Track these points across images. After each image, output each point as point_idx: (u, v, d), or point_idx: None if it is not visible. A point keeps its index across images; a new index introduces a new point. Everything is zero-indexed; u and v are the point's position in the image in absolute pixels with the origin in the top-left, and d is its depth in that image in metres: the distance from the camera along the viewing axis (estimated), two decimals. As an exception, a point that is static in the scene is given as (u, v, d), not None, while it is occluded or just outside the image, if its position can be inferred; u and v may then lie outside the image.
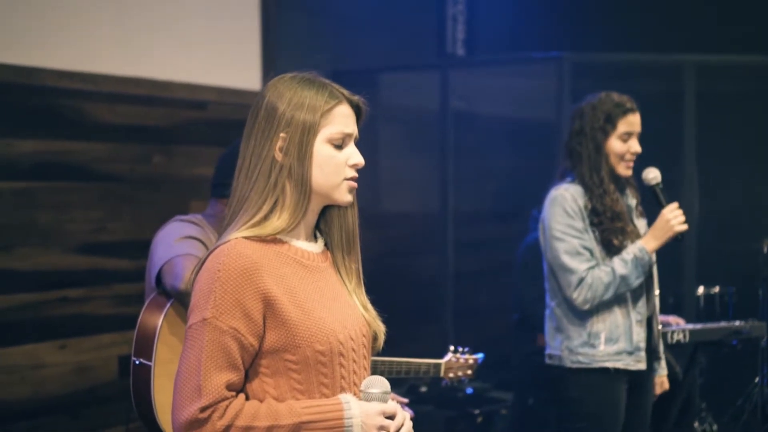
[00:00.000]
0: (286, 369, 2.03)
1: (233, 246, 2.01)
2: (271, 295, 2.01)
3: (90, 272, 4.45)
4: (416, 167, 6.45)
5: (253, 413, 1.98)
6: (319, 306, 2.07)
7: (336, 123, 2.10)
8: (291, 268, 2.07)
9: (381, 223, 6.49)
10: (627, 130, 3.61)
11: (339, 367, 2.08)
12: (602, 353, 3.56)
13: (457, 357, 3.59)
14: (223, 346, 1.97)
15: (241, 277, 1.99)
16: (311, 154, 2.07)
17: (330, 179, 2.09)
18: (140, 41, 4.87)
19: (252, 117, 2.10)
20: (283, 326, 2.01)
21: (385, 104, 6.57)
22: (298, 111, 2.06)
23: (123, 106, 4.71)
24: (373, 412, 2.04)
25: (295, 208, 2.08)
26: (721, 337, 4.47)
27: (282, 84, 2.11)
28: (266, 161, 2.06)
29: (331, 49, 6.22)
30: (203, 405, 1.95)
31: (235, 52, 5.46)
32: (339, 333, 2.07)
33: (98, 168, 4.57)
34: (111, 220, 4.57)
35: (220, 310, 1.97)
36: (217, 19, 5.34)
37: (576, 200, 3.58)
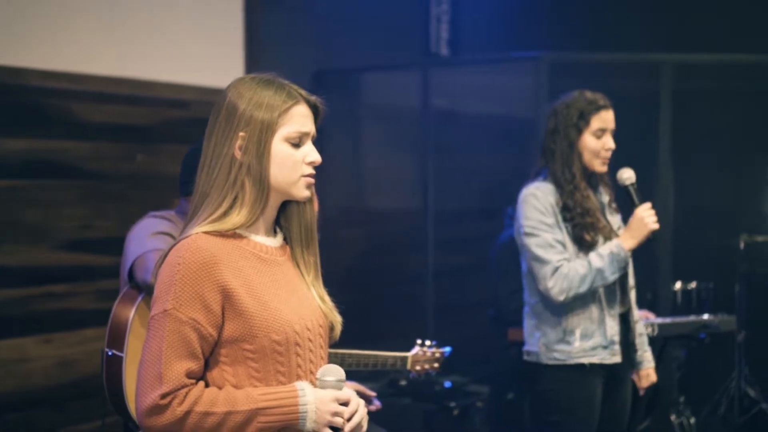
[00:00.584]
0: (244, 358, 2.13)
1: (193, 240, 2.11)
2: (229, 288, 2.10)
3: (75, 268, 4.55)
4: (400, 166, 6.54)
5: (211, 400, 2.07)
6: (275, 298, 2.16)
7: (293, 122, 2.19)
8: (249, 262, 2.17)
9: (365, 221, 6.60)
10: (600, 126, 3.68)
11: (295, 356, 2.17)
12: (577, 349, 3.64)
13: (424, 350, 3.69)
14: (183, 336, 2.07)
15: (200, 270, 2.09)
16: (269, 153, 2.16)
17: (288, 176, 2.18)
18: (125, 41, 4.95)
19: (213, 116, 2.20)
20: (240, 317, 2.11)
21: (368, 103, 6.66)
22: (257, 110, 2.15)
23: (108, 105, 4.80)
24: (328, 398, 2.14)
25: (254, 205, 2.17)
26: (690, 331, 4.57)
27: (242, 84, 2.20)
28: (226, 159, 2.15)
29: (314, 48, 6.30)
30: (164, 392, 2.05)
31: (219, 51, 5.55)
32: (295, 324, 2.17)
33: (84, 166, 4.66)
34: (96, 218, 4.66)
35: (180, 301, 2.07)
36: (200, 18, 5.43)
37: (547, 197, 3.65)
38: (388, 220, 6.66)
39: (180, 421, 2.06)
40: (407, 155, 6.35)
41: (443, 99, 6.61)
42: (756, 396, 6.29)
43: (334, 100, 6.84)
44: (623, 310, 3.76)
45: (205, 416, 2.06)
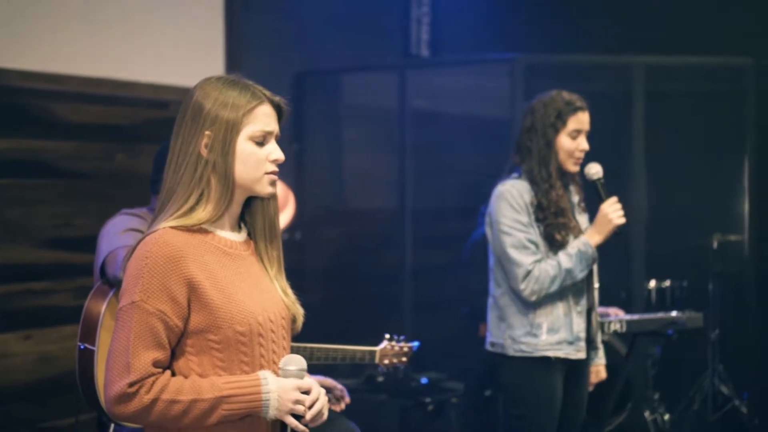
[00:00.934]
0: (209, 348, 2.20)
1: (161, 235, 2.19)
2: (195, 281, 2.18)
3: (55, 266, 4.61)
4: (379, 165, 6.63)
5: (177, 388, 2.15)
6: (239, 290, 2.24)
7: (257, 122, 2.26)
8: (214, 256, 2.24)
9: (345, 220, 6.69)
10: (576, 127, 3.74)
11: (258, 347, 2.25)
12: (544, 342, 3.71)
13: (392, 345, 3.75)
14: (150, 326, 2.14)
15: (167, 263, 2.16)
16: (234, 151, 2.23)
17: (252, 174, 2.25)
18: (105, 42, 5.02)
19: (180, 116, 2.27)
20: (206, 309, 2.19)
21: (349, 104, 6.75)
22: (223, 110, 2.22)
23: (87, 105, 4.87)
24: (289, 387, 2.21)
25: (219, 201, 2.24)
26: (658, 327, 4.62)
27: (208, 85, 2.28)
28: (192, 157, 2.22)
29: (296, 50, 6.37)
30: (131, 380, 2.12)
31: (199, 53, 5.60)
32: (258, 315, 2.24)
33: (63, 165, 4.73)
34: (76, 216, 4.73)
35: (148, 293, 2.15)
36: (181, 20, 5.48)
37: (522, 196, 3.71)
38: (368, 219, 6.75)
39: (147, 409, 2.13)
40: (387, 155, 6.43)
41: (423, 100, 6.70)
42: (729, 393, 6.38)
43: (315, 101, 6.96)
44: (588, 307, 3.84)
45: (172, 404, 2.14)
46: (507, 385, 3.83)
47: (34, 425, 4.54)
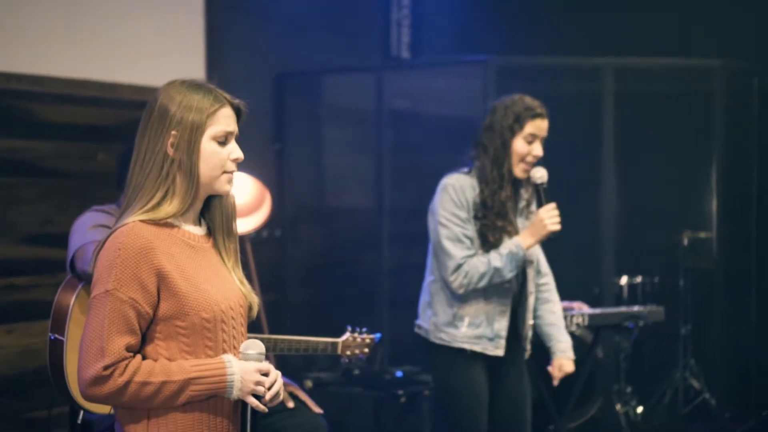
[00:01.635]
0: (177, 334, 2.36)
1: (132, 228, 2.33)
2: (164, 271, 2.33)
3: (37, 262, 4.75)
4: (358, 165, 6.76)
5: (149, 371, 2.30)
6: (203, 280, 2.40)
7: (220, 123, 2.41)
8: (180, 248, 2.40)
9: (326, 219, 6.80)
10: (533, 132, 3.82)
11: (221, 332, 2.41)
12: (462, 335, 3.83)
13: (354, 336, 3.89)
14: (123, 313, 2.29)
15: (138, 255, 2.31)
16: (199, 150, 2.38)
17: (213, 172, 2.41)
18: (88, 45, 5.15)
19: (146, 117, 2.41)
20: (174, 297, 2.34)
21: (328, 105, 6.87)
22: (188, 112, 2.37)
23: (70, 106, 5.00)
24: (251, 369, 2.37)
25: (184, 196, 2.40)
26: (619, 321, 4.78)
27: (172, 88, 2.43)
28: (159, 155, 2.37)
29: (276, 51, 6.48)
30: (106, 364, 2.27)
31: (180, 55, 5.73)
32: (221, 303, 2.41)
33: (46, 165, 4.87)
34: (57, 214, 4.86)
35: (121, 283, 2.29)
36: (162, 23, 5.61)
37: (464, 191, 3.81)
38: (347, 217, 6.85)
39: (120, 391, 2.28)
40: (365, 155, 6.56)
41: (401, 101, 6.83)
42: (700, 386, 6.54)
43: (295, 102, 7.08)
44: (513, 307, 3.92)
45: (144, 385, 2.29)
46: (433, 370, 4.01)
47: (15, 416, 4.67)
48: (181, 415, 2.37)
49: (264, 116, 6.40)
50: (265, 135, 6.42)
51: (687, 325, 6.66)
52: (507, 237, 3.81)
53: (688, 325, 6.65)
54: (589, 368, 4.87)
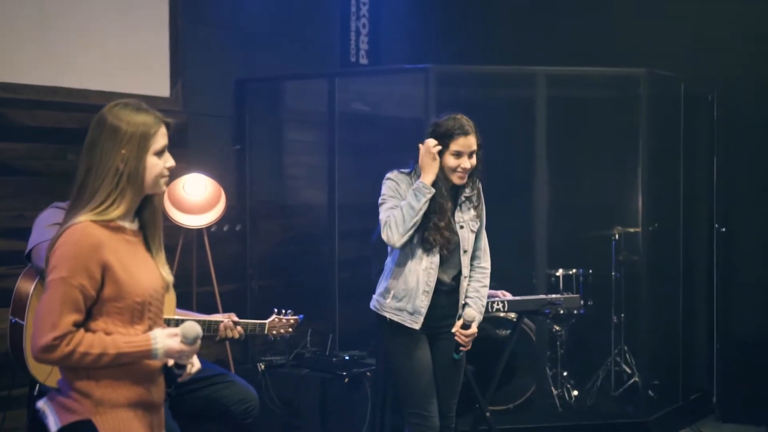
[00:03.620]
0: (114, 312, 2.89)
1: (86, 227, 2.85)
2: (108, 263, 2.85)
3: (10, 253, 5.06)
4: (314, 164, 7.20)
5: (89, 343, 2.83)
6: (137, 271, 2.92)
7: (159, 140, 2.93)
8: (122, 244, 2.91)
9: (284, 214, 7.21)
10: (457, 149, 4.28)
11: (147, 311, 2.96)
12: (387, 305, 4.34)
13: (279, 318, 4.36)
14: (73, 296, 2.81)
15: (89, 250, 2.82)
16: (145, 164, 2.89)
17: (154, 179, 2.94)
18: (58, 54, 5.51)
19: (96, 134, 2.89)
20: (115, 284, 2.86)
21: (286, 108, 7.32)
22: (136, 133, 2.87)
23: (41, 111, 5.36)
24: (175, 346, 2.90)
25: (130, 202, 2.92)
26: (537, 307, 5.23)
27: (118, 110, 2.91)
28: (111, 169, 2.86)
29: (237, 59, 6.84)
30: (56, 335, 2.79)
31: (146, 62, 6.08)
32: (149, 288, 2.95)
33: (18, 165, 5.27)
34: (30, 209, 5.16)
35: (73, 272, 2.81)
36: (129, 32, 5.95)
37: (401, 184, 4.32)
38: (303, 213, 7.27)
39: (66, 357, 2.81)
40: (320, 155, 6.99)
41: (356, 104, 7.29)
42: (631, 371, 7.01)
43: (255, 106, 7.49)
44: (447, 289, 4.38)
45: (84, 355, 2.82)
46: (383, 336, 4.48)
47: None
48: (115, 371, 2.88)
49: (226, 119, 6.82)
50: (227, 137, 6.85)
51: (620, 314, 7.14)
52: (444, 239, 4.26)
53: (621, 314, 7.13)
54: (511, 350, 5.29)
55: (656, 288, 6.88)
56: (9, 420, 4.95)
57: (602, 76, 6.80)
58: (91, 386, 2.88)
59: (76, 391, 2.89)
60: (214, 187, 5.76)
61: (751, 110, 7.26)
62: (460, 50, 7.86)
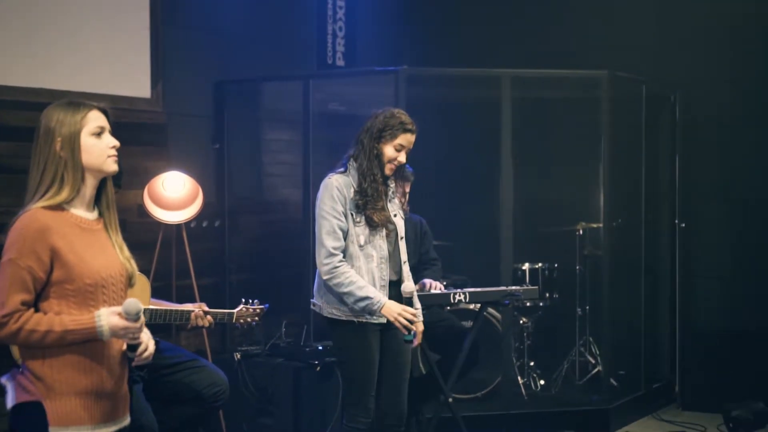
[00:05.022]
0: (66, 294, 3.11)
1: (33, 213, 3.10)
2: (56, 246, 3.07)
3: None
4: (290, 162, 7.45)
5: (36, 322, 3.05)
6: (89, 255, 3.14)
7: (91, 122, 3.17)
8: (71, 229, 3.14)
9: (261, 210, 7.45)
10: (401, 143, 4.55)
11: (101, 294, 3.16)
12: (348, 310, 4.50)
13: (246, 308, 4.61)
14: (21, 277, 3.04)
15: (36, 233, 3.06)
16: (80, 146, 3.13)
17: (97, 158, 3.17)
18: (40, 56, 5.71)
19: (36, 133, 3.17)
20: (64, 267, 3.08)
21: (263, 108, 7.56)
22: (65, 120, 3.13)
23: (25, 111, 5.52)
24: (119, 324, 3.08)
25: (73, 185, 3.14)
26: (497, 298, 5.47)
27: (52, 109, 3.20)
28: (51, 157, 3.12)
29: (215, 61, 7.06)
30: (4, 313, 3.03)
31: (127, 64, 6.30)
32: (102, 272, 3.15)
33: (5, 163, 5.49)
34: (16, 205, 5.44)
35: (21, 254, 3.04)
36: (110, 35, 6.17)
37: (342, 188, 4.50)
38: (281, 209, 7.51)
39: (14, 334, 3.04)
40: (295, 154, 7.25)
41: (332, 104, 7.54)
42: (594, 361, 7.29)
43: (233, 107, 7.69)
44: (395, 279, 4.61)
45: (31, 332, 3.04)
46: (332, 338, 4.68)
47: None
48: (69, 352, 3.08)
49: (205, 119, 7.07)
50: (206, 136, 7.10)
51: (584, 306, 7.42)
52: (385, 218, 4.51)
53: (586, 306, 7.40)
54: (473, 339, 5.54)
55: (619, 281, 7.15)
56: None
57: (565, 78, 7.06)
58: (44, 370, 3.08)
59: (31, 373, 3.10)
60: (192, 185, 6.01)
61: (711, 111, 7.56)
62: (433, 52, 8.13)
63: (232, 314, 4.60)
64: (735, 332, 7.38)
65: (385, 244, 4.57)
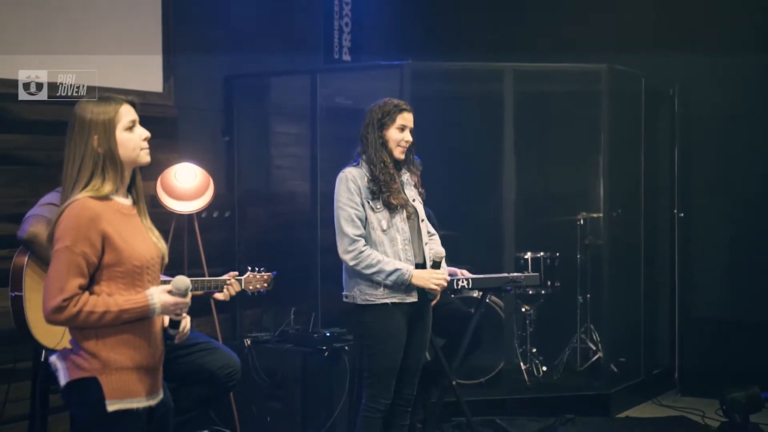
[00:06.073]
0: (116, 276, 3.29)
1: (83, 202, 3.25)
2: (106, 232, 3.25)
3: (12, 237, 5.37)
4: (298, 155, 7.62)
5: (94, 303, 3.22)
6: (133, 239, 3.32)
7: (124, 116, 3.34)
8: (116, 216, 3.32)
9: (270, 202, 7.62)
10: (402, 123, 4.76)
11: (146, 275, 3.35)
12: (382, 293, 4.69)
13: (254, 274, 4.74)
14: (77, 263, 3.20)
15: (89, 221, 3.22)
16: (116, 141, 3.31)
17: (133, 151, 3.35)
18: (58, 53, 5.84)
19: (70, 129, 3.33)
20: (114, 251, 3.26)
21: (272, 103, 7.73)
22: (100, 117, 3.30)
23: (39, 106, 5.66)
24: (170, 300, 3.29)
25: (115, 178, 3.33)
26: (499, 284, 5.61)
27: (84, 104, 3.36)
28: (87, 153, 3.29)
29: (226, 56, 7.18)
30: (64, 297, 3.19)
31: (140, 60, 6.46)
32: (145, 254, 3.34)
33: (20, 155, 5.65)
34: (30, 196, 5.44)
35: (76, 241, 3.20)
36: (123, 31, 6.34)
37: (356, 180, 4.69)
38: (288, 201, 7.68)
39: (74, 317, 3.20)
40: (303, 146, 7.41)
41: (339, 98, 7.69)
42: (595, 348, 7.45)
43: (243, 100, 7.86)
44: (420, 261, 4.81)
45: (90, 314, 3.21)
46: (360, 323, 4.82)
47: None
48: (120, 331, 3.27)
49: (215, 113, 7.24)
50: (217, 129, 7.27)
51: (585, 294, 7.58)
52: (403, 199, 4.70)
53: (587, 294, 7.57)
54: (476, 323, 5.70)
55: (619, 270, 7.31)
56: (14, 391, 5.31)
57: (566, 72, 7.21)
58: (98, 347, 3.26)
59: (85, 350, 3.27)
60: (203, 176, 6.18)
61: (710, 104, 7.71)
62: (439, 46, 8.28)
63: (241, 280, 4.71)
64: (733, 320, 7.54)
65: (406, 226, 4.76)
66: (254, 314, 7.16)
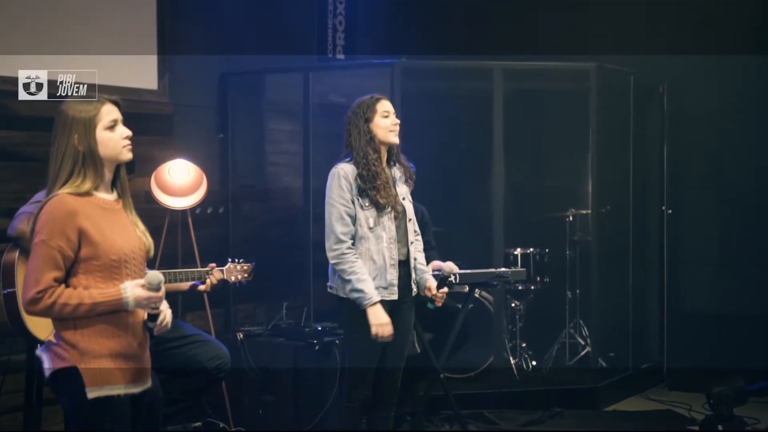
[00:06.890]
0: (94, 270, 3.40)
1: (60, 198, 3.37)
2: (83, 227, 3.36)
3: None
4: (291, 151, 7.71)
5: (68, 295, 3.33)
6: (112, 233, 3.43)
7: (105, 116, 3.45)
8: (96, 210, 3.43)
9: (263, 198, 7.70)
10: (383, 110, 4.83)
11: (124, 269, 3.45)
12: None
13: (234, 265, 4.86)
14: (52, 256, 3.32)
15: (65, 216, 3.34)
16: (96, 140, 3.41)
17: (113, 150, 3.46)
18: (52, 50, 5.89)
19: (55, 128, 3.45)
20: (91, 245, 3.37)
21: (266, 100, 7.82)
22: (81, 116, 3.41)
23: (39, 103, 5.85)
24: (142, 294, 3.38)
25: (95, 175, 3.43)
26: (486, 279, 5.69)
27: (66, 104, 3.48)
28: (68, 151, 3.40)
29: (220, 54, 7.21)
30: (39, 289, 3.31)
31: (135, 57, 6.53)
32: (125, 248, 3.45)
33: (19, 151, 5.72)
34: (29, 191, 5.54)
35: (51, 235, 3.32)
36: (119, 29, 6.42)
37: (348, 176, 4.75)
38: (281, 197, 7.76)
39: (48, 308, 3.32)
40: (296, 143, 7.50)
41: (333, 95, 7.77)
42: (584, 342, 7.55)
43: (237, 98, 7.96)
44: (403, 259, 4.87)
45: (64, 306, 3.32)
46: (344, 316, 4.91)
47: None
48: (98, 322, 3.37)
49: (210, 110, 7.32)
50: (211, 126, 7.35)
51: (574, 290, 7.68)
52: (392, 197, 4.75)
53: (576, 290, 7.66)
54: (463, 320, 5.80)
55: (608, 266, 7.42)
56: (8, 383, 5.37)
57: (555, 70, 7.30)
58: (77, 338, 3.37)
59: (64, 341, 3.39)
60: (196, 172, 6.28)
61: (699, 101, 7.79)
62: (431, 45, 8.35)
63: (222, 271, 4.83)
64: (721, 316, 7.64)
65: (393, 225, 4.82)
66: (247, 309, 7.26)
